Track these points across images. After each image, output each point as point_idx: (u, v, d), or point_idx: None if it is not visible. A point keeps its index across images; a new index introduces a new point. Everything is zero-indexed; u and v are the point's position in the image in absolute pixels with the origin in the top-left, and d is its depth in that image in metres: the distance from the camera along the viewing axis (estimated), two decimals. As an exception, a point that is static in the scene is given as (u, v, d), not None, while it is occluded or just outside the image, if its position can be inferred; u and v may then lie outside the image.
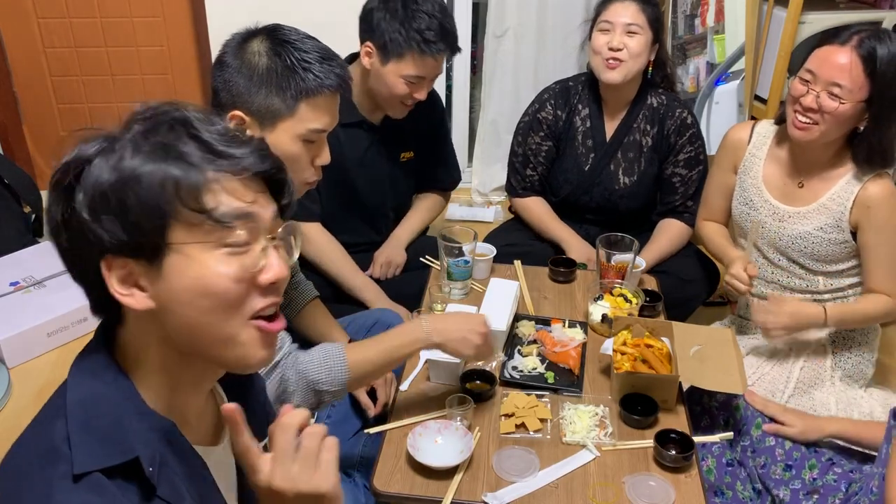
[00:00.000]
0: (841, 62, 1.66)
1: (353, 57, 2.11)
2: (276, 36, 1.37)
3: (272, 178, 0.85)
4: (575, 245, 2.27)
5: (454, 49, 2.05)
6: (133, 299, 0.79)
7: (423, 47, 1.95)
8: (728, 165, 2.01)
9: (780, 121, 1.90)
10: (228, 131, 0.82)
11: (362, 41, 2.03)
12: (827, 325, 1.83)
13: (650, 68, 2.21)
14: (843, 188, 1.80)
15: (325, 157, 1.45)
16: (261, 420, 0.96)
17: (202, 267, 0.78)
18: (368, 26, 2.00)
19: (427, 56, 1.97)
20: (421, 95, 2.06)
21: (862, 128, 1.74)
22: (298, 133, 1.37)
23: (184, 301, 0.79)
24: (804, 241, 1.85)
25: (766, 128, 1.96)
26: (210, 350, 0.83)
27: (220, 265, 0.79)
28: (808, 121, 1.73)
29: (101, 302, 0.83)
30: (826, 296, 1.91)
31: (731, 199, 2.02)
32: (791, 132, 1.78)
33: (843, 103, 1.67)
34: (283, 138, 1.37)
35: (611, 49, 2.10)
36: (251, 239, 0.81)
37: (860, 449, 1.64)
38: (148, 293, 0.80)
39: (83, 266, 0.81)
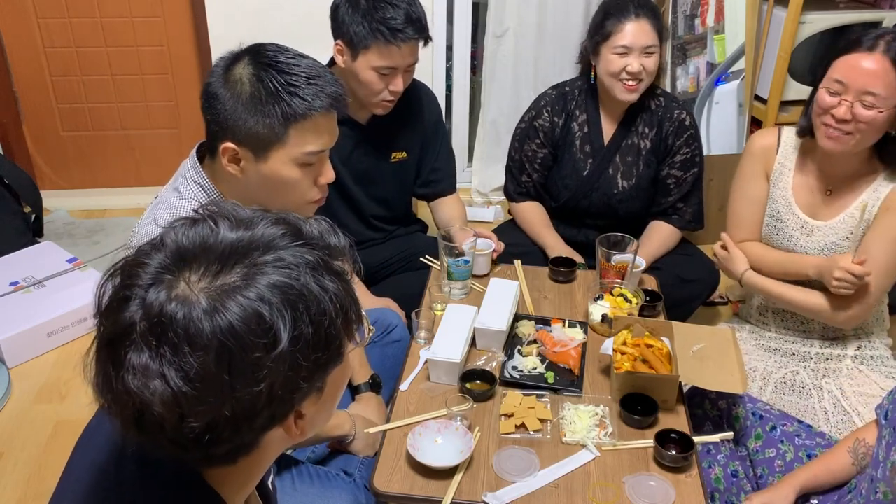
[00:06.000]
0: (872, 69, 1.62)
1: (333, 61, 2.07)
2: (259, 59, 1.29)
3: None
4: (561, 253, 2.23)
5: (422, 36, 1.99)
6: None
7: (387, 37, 1.91)
8: (758, 173, 1.93)
9: (803, 133, 1.84)
10: None
11: (334, 40, 2.01)
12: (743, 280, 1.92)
13: None
14: (870, 195, 1.78)
15: (328, 175, 1.40)
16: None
17: None
18: (336, 24, 1.98)
19: (392, 45, 1.93)
20: (397, 87, 2.01)
21: (894, 132, 1.70)
22: (293, 158, 1.31)
23: None
24: (829, 252, 1.82)
25: (792, 136, 1.90)
26: None
27: None
28: (841, 131, 1.68)
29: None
30: None
31: (764, 209, 1.94)
32: (822, 143, 1.73)
33: (880, 111, 1.63)
34: (278, 166, 1.31)
35: (632, 74, 2.09)
36: None
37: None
38: None
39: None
